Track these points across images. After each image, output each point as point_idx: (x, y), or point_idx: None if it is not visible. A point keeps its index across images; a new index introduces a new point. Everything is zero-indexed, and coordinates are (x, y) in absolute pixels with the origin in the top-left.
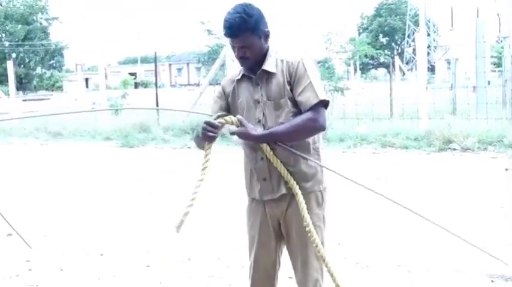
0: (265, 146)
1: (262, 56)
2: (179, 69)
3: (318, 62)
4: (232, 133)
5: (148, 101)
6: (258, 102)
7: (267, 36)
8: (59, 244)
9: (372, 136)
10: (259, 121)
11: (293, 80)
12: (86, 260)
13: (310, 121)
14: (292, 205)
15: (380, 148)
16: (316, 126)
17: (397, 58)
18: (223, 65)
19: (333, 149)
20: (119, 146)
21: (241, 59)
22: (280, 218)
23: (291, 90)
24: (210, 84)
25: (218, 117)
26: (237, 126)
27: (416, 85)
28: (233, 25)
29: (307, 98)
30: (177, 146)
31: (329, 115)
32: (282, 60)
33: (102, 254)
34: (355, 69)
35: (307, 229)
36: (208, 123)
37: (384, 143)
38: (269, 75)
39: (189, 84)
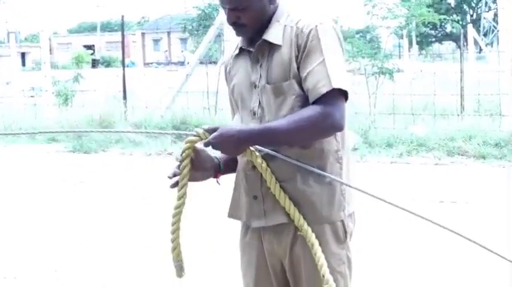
0: (253, 154)
1: (266, 21)
2: (156, 41)
3: (357, 33)
4: (206, 145)
5: (113, 86)
6: (255, 86)
7: None
8: None
9: (434, 140)
10: (254, 114)
11: (301, 56)
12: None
13: (319, 117)
14: (299, 240)
15: (445, 157)
16: (327, 125)
17: (470, 27)
18: (219, 35)
19: (376, 157)
20: (69, 150)
21: (235, 25)
22: (283, 258)
23: (299, 69)
24: (201, 63)
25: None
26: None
27: (498, 67)
28: None
29: (315, 84)
30: (153, 151)
31: (371, 109)
32: (291, 27)
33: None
34: (410, 44)
35: (323, 276)
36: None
37: (451, 151)
38: (272, 48)
39: (170, 63)
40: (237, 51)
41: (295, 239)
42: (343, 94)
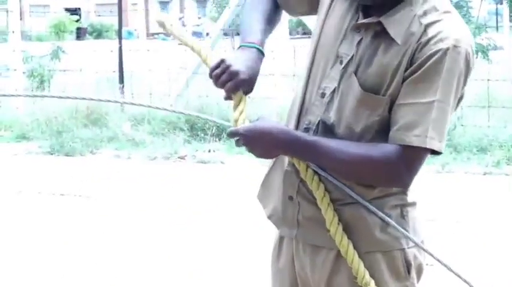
0: (301, 162)
1: None
2: (164, 4)
3: None
4: (230, 134)
5: (105, 64)
6: (341, 62)
7: None
8: None
9: None
10: (322, 95)
11: (410, 74)
12: None
13: (385, 167)
14: (341, 269)
15: None
16: (389, 180)
17: None
18: None
19: (464, 166)
20: (44, 151)
21: None
22: None
23: (398, 87)
24: (225, 34)
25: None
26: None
27: None
28: None
29: (407, 125)
30: (158, 154)
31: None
32: (420, 26)
33: None
34: None
35: None
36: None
37: None
38: (385, 36)
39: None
40: None
41: (336, 270)
42: (429, 152)
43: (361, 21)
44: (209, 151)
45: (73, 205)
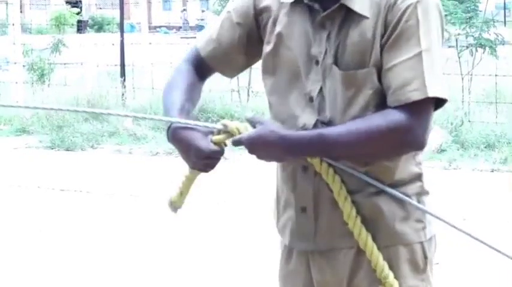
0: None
1: None
2: None
3: None
4: (236, 143)
5: (106, 58)
6: (317, 62)
7: None
8: None
9: None
10: (310, 99)
11: (388, 37)
12: None
13: (396, 130)
14: (361, 268)
15: None
16: (405, 142)
17: None
18: None
19: (472, 163)
20: (45, 146)
21: None
22: None
23: (382, 54)
24: None
25: (219, 131)
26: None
27: None
28: None
29: (403, 84)
30: (160, 149)
31: (464, 95)
32: None
33: None
34: None
35: None
36: (207, 153)
37: None
38: (351, 16)
39: (188, 27)
40: None
41: (356, 268)
42: (435, 103)
43: (324, 14)
44: None
45: (73, 201)
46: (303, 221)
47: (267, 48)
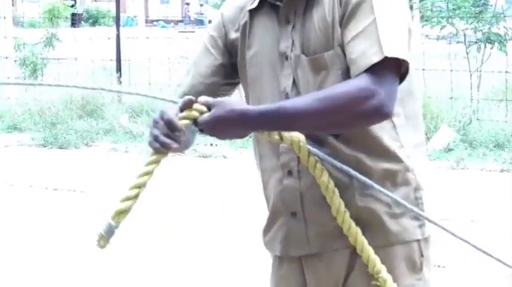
0: (302, 148)
1: None
2: None
3: None
4: (200, 130)
5: (102, 52)
6: (286, 57)
7: None
8: None
9: None
10: (286, 95)
11: (343, 13)
12: None
13: (357, 95)
14: (357, 269)
15: None
16: (368, 107)
17: None
18: None
19: (480, 163)
20: (38, 144)
21: None
22: None
23: (342, 30)
24: None
25: (186, 105)
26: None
27: None
28: None
29: (361, 52)
30: None
31: (473, 92)
32: None
33: None
34: None
35: None
36: (166, 121)
37: None
38: (309, 3)
39: (189, 21)
40: (254, 5)
41: (350, 268)
42: (397, 67)
43: (282, 6)
44: (211, 145)
45: (67, 200)
46: (294, 226)
47: (246, 56)
